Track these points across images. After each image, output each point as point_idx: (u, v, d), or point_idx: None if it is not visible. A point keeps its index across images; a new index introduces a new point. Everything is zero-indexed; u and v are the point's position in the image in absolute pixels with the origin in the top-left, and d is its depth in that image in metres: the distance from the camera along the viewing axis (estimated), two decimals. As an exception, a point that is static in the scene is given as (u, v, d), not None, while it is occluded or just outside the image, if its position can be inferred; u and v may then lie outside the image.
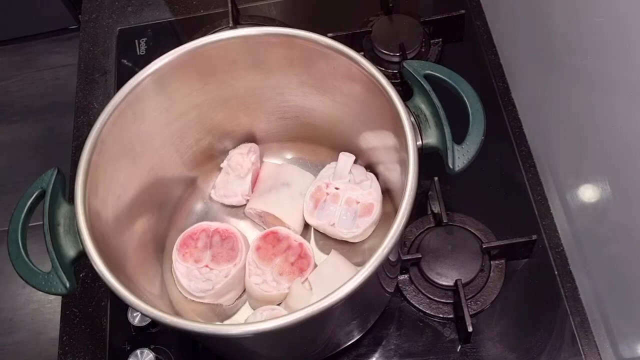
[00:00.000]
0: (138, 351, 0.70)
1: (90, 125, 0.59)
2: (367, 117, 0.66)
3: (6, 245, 0.56)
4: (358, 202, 0.70)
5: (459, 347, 0.70)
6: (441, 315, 0.71)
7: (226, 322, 0.69)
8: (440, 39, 0.90)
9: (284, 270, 0.68)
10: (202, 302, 0.68)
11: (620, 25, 0.56)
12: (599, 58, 0.62)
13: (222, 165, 0.76)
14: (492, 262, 0.73)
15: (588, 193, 0.71)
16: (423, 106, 0.60)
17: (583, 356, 0.68)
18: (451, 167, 0.58)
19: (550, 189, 0.78)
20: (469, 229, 0.74)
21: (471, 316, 0.68)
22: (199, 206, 0.76)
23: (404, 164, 0.57)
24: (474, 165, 0.59)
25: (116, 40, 1.01)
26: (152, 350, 0.70)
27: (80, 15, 1.09)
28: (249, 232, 0.74)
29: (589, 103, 0.66)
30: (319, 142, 0.76)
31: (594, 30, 0.62)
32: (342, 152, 0.73)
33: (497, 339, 0.70)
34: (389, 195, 0.71)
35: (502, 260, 0.73)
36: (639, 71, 0.54)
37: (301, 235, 0.71)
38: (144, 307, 0.51)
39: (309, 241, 0.70)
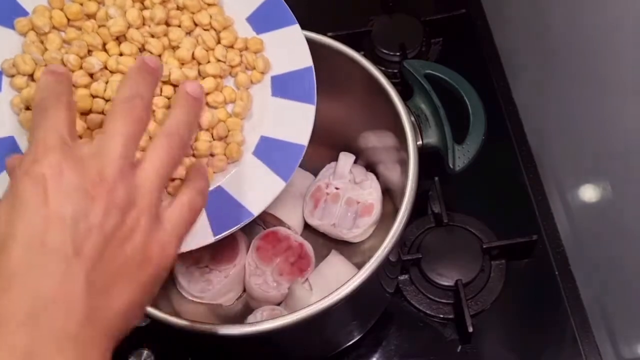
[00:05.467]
0: (138, 351, 0.70)
1: (90, 125, 0.59)
2: (367, 117, 0.66)
3: (6, 245, 0.56)
4: (358, 202, 0.70)
5: (459, 348, 0.70)
6: (441, 316, 0.71)
7: (226, 322, 0.69)
8: (441, 39, 0.90)
9: (284, 271, 0.67)
10: (201, 302, 0.68)
11: (620, 25, 0.56)
12: (599, 58, 0.62)
13: (222, 165, 0.76)
14: (492, 262, 0.73)
15: (588, 193, 0.71)
16: (423, 106, 0.60)
17: (583, 356, 0.68)
18: (451, 167, 0.58)
19: (550, 189, 0.78)
20: (469, 229, 0.74)
21: (471, 316, 0.68)
22: (199, 206, 0.76)
23: (404, 164, 0.57)
24: (474, 165, 0.59)
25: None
26: (152, 350, 0.70)
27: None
28: (249, 232, 0.74)
29: (589, 103, 0.66)
30: (319, 142, 0.75)
31: (594, 30, 0.62)
32: (342, 152, 0.73)
33: (497, 339, 0.70)
34: (389, 195, 0.71)
35: (503, 260, 0.73)
36: (638, 71, 0.54)
37: (301, 235, 0.71)
38: (143, 307, 0.50)
39: (309, 241, 0.70)
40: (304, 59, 0.54)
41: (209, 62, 0.52)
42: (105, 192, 0.35)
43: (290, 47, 0.54)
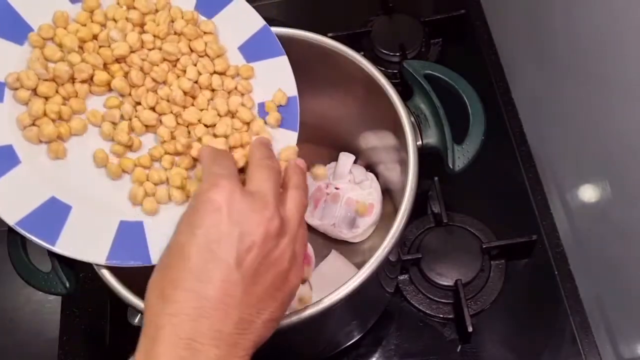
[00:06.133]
0: (138, 351, 0.70)
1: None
2: (367, 117, 0.66)
3: (6, 245, 0.56)
4: (358, 202, 0.70)
5: (459, 347, 0.70)
6: (441, 315, 0.71)
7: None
8: (440, 39, 0.90)
9: (284, 270, 0.67)
10: (202, 302, 0.68)
11: (620, 25, 0.56)
12: (599, 58, 0.62)
13: (222, 165, 0.76)
14: (492, 262, 0.73)
15: (588, 193, 0.71)
16: (423, 106, 0.60)
17: (583, 356, 0.68)
18: (451, 167, 0.59)
19: (550, 189, 0.78)
20: (469, 229, 0.74)
21: (471, 316, 0.68)
22: (199, 206, 0.76)
23: (404, 164, 0.57)
24: (474, 165, 0.59)
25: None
26: (152, 350, 0.70)
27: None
28: (249, 232, 0.74)
29: (589, 103, 0.66)
30: (319, 142, 0.76)
31: (594, 30, 0.62)
32: (342, 152, 0.73)
33: (497, 339, 0.70)
34: (389, 195, 0.71)
35: (502, 260, 0.73)
36: (638, 71, 0.55)
37: (301, 235, 0.71)
38: (144, 307, 0.50)
39: (309, 241, 0.70)
40: (290, 89, 0.57)
41: (213, 90, 0.54)
42: (266, 219, 0.43)
43: (277, 77, 0.57)
